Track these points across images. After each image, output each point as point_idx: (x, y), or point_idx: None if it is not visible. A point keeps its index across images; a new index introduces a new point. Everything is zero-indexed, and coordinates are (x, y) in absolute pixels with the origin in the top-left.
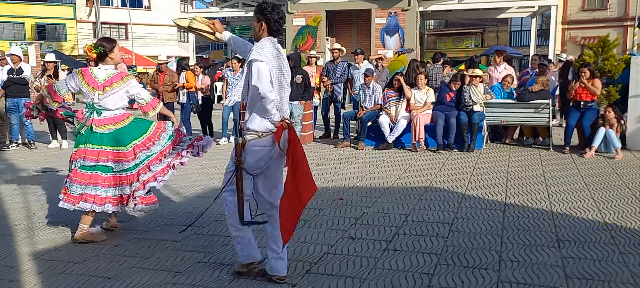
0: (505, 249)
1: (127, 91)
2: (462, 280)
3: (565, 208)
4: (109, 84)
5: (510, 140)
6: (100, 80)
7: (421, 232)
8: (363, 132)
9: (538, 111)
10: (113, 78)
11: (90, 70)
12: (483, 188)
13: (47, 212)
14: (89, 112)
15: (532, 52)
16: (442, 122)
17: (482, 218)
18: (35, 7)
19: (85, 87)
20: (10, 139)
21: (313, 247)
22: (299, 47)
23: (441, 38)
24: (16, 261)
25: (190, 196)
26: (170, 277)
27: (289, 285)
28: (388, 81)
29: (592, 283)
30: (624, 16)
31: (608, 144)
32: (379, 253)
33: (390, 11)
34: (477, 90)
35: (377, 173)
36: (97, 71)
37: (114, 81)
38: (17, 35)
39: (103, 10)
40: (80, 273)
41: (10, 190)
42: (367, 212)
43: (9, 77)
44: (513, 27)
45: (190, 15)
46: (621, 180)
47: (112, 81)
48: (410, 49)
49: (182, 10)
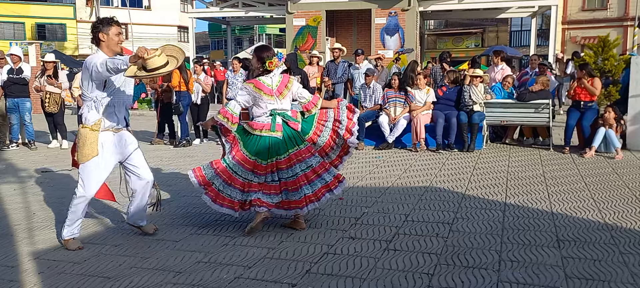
0: (505, 249)
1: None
2: (462, 280)
3: (565, 208)
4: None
5: (510, 140)
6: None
7: (421, 232)
8: (361, 132)
9: (538, 111)
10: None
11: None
12: (483, 188)
13: (47, 212)
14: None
15: (532, 52)
16: (442, 121)
17: (482, 218)
18: (36, 7)
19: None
20: (11, 139)
21: (313, 247)
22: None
23: (441, 38)
24: (16, 261)
25: (191, 196)
26: (171, 277)
27: (289, 285)
28: (387, 81)
29: (592, 283)
30: (624, 16)
31: (608, 143)
32: (379, 253)
33: (390, 11)
34: (477, 90)
35: (377, 173)
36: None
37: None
38: (17, 35)
39: (103, 10)
40: (81, 273)
41: (10, 190)
42: (367, 212)
43: (9, 77)
44: (513, 27)
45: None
46: (621, 180)
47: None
48: (410, 49)
49: (183, 10)
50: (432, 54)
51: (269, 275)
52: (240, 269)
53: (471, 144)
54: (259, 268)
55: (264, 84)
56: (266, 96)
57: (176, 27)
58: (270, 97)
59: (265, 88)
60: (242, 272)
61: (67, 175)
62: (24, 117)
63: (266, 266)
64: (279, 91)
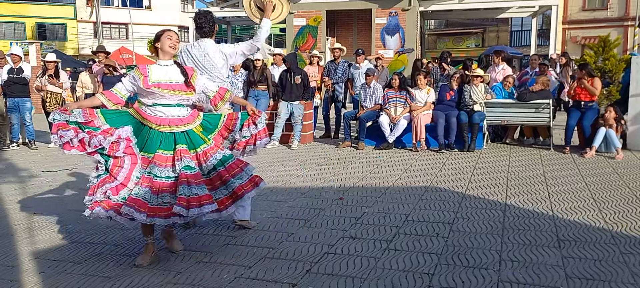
0: (505, 249)
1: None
2: (462, 280)
3: (566, 208)
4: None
5: (510, 140)
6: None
7: (421, 231)
8: (362, 131)
9: (538, 111)
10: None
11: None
12: (483, 188)
13: (48, 212)
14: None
15: (533, 52)
16: (442, 121)
17: (483, 218)
18: (36, 6)
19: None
20: (11, 139)
21: (313, 246)
22: (299, 47)
23: (441, 38)
24: (17, 261)
25: None
26: (171, 277)
27: (289, 284)
28: (388, 81)
29: (593, 283)
30: (624, 16)
31: (608, 143)
32: (380, 253)
33: (390, 11)
34: (477, 90)
35: (377, 173)
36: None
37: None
38: (18, 34)
39: (103, 10)
40: (81, 273)
41: (10, 190)
42: (368, 212)
43: (10, 77)
44: (513, 27)
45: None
46: (622, 180)
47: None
48: (410, 49)
49: (183, 9)
50: (433, 54)
51: (269, 275)
52: (240, 269)
53: (471, 143)
54: (260, 268)
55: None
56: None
57: (177, 27)
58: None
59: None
60: (243, 271)
61: (67, 175)
62: (25, 117)
63: (266, 266)
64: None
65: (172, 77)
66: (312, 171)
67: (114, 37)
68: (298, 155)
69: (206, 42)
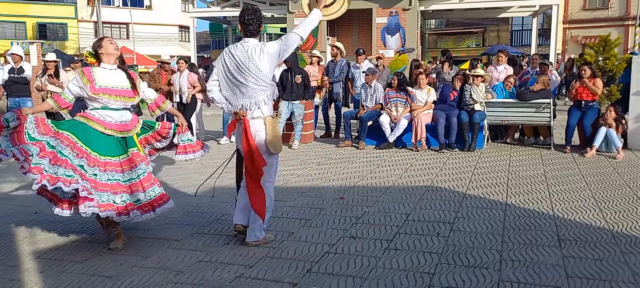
0: (506, 248)
1: None
2: (463, 279)
3: (566, 208)
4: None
5: (511, 140)
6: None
7: (422, 231)
8: (363, 131)
9: (539, 110)
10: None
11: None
12: (484, 188)
13: (48, 212)
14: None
15: (533, 51)
16: (443, 121)
17: (483, 218)
18: (37, 6)
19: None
20: None
21: (314, 246)
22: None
23: (442, 37)
24: (17, 260)
25: (191, 196)
26: (172, 276)
27: (290, 284)
28: (388, 81)
29: (593, 282)
30: (625, 15)
31: (609, 143)
32: (380, 253)
33: (391, 11)
34: (478, 90)
35: (378, 173)
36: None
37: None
38: (19, 34)
39: (104, 9)
40: (82, 273)
41: (10, 189)
42: (368, 211)
43: (10, 77)
44: (514, 26)
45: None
46: (622, 179)
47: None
48: (411, 49)
49: (184, 9)
50: (433, 54)
51: (270, 275)
52: (241, 268)
53: (472, 143)
54: (260, 268)
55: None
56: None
57: (177, 27)
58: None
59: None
60: (243, 271)
61: None
62: None
63: (267, 265)
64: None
65: (119, 83)
66: (312, 170)
67: (114, 36)
68: (298, 154)
69: (250, 42)
